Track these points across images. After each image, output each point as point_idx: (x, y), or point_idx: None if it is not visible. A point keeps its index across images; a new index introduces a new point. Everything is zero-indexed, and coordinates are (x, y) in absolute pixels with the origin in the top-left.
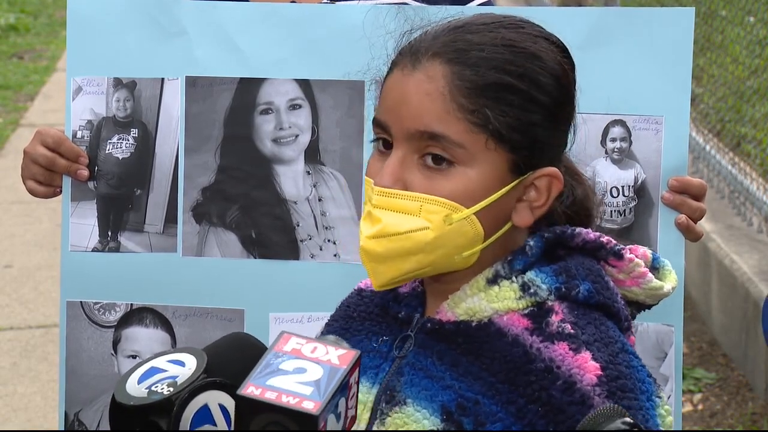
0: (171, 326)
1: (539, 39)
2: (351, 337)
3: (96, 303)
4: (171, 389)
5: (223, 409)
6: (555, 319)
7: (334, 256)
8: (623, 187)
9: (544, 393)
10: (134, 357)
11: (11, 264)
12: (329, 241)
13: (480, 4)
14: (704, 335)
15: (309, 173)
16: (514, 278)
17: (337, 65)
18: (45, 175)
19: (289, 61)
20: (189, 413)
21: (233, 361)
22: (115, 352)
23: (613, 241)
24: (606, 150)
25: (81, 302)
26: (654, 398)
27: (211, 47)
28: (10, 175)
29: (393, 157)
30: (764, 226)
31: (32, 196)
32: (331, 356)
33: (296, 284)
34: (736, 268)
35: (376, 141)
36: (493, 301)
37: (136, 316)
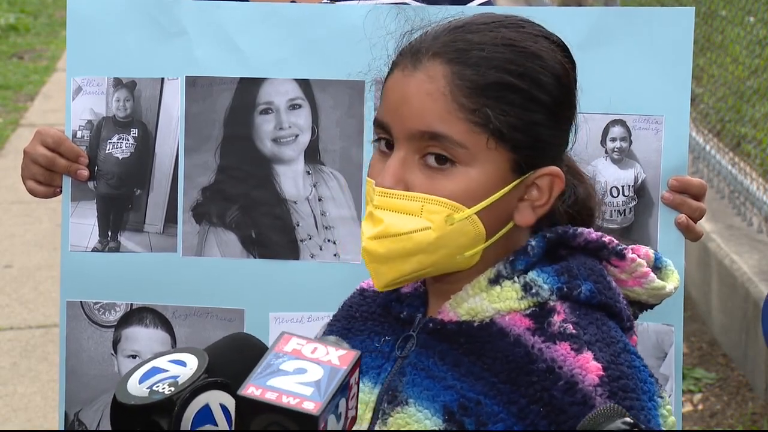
0: (171, 326)
1: (540, 38)
2: (353, 337)
3: (96, 303)
4: (172, 389)
5: (225, 409)
6: (557, 319)
7: (334, 255)
8: (623, 186)
9: (545, 393)
10: (134, 357)
11: (11, 264)
12: (329, 240)
13: (480, 4)
14: (704, 335)
15: (309, 173)
16: (516, 278)
17: (337, 65)
18: (45, 175)
19: (289, 61)
20: (190, 413)
21: (234, 361)
22: (115, 352)
23: (615, 240)
24: (606, 150)
25: (81, 302)
26: (656, 398)
27: (211, 47)
28: (10, 175)
29: (394, 158)
30: (764, 226)
31: (32, 196)
32: (332, 357)
33: (296, 284)
34: (736, 268)
35: (378, 141)
36: (495, 301)
37: (136, 316)
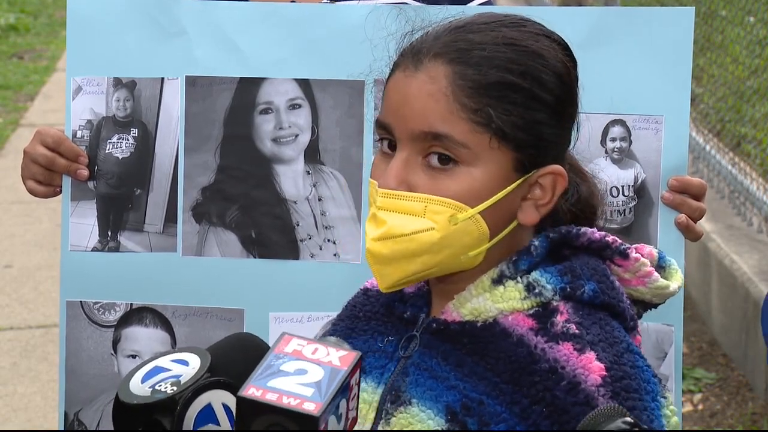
0: (171, 326)
1: (541, 37)
2: (356, 336)
3: (96, 303)
4: (174, 388)
5: (227, 409)
6: (560, 319)
7: (334, 255)
8: (623, 186)
9: (548, 393)
10: (134, 357)
11: (11, 264)
12: (329, 240)
13: (480, 4)
14: (704, 335)
15: (309, 173)
16: (519, 278)
17: (337, 65)
18: (45, 174)
19: (289, 60)
20: (192, 412)
21: (237, 361)
22: (115, 352)
23: (619, 240)
24: (606, 149)
25: (81, 302)
26: (659, 398)
27: (211, 47)
28: (10, 175)
29: (397, 159)
30: (764, 226)
31: (32, 196)
32: (332, 357)
33: (296, 284)
34: (736, 268)
35: (380, 142)
36: (498, 301)
37: (135, 315)
